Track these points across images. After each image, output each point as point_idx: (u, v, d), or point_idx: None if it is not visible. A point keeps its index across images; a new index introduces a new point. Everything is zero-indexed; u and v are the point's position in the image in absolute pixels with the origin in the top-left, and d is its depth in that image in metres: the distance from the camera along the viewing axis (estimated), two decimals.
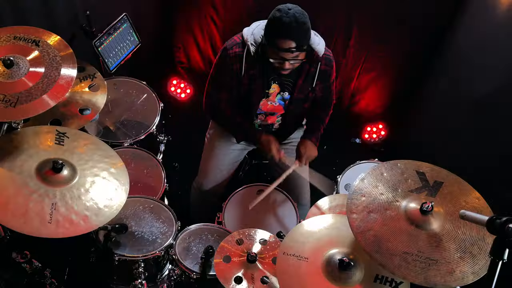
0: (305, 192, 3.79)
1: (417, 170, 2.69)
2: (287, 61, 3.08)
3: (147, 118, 3.85)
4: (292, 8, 2.97)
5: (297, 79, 3.35)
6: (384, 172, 2.68)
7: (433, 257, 2.33)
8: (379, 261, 2.35)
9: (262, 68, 3.27)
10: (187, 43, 5.34)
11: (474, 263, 2.30)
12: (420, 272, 2.30)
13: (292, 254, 2.62)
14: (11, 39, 2.74)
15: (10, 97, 2.53)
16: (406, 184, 2.62)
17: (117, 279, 3.23)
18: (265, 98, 3.44)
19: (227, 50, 3.27)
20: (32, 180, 2.54)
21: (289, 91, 3.42)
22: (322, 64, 3.31)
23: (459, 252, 2.33)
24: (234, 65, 3.26)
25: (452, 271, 2.29)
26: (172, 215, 3.26)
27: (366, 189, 2.62)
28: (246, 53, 3.21)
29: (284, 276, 2.56)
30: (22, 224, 2.39)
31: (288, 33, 2.96)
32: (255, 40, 3.19)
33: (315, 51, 3.23)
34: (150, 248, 3.08)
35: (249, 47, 3.18)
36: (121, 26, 3.83)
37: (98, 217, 2.56)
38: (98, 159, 2.81)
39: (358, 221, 2.48)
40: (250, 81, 3.30)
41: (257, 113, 3.55)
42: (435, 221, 2.42)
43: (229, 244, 2.97)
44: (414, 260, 2.33)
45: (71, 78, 2.71)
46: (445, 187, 2.60)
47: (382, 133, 5.27)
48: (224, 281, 2.78)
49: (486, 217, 1.89)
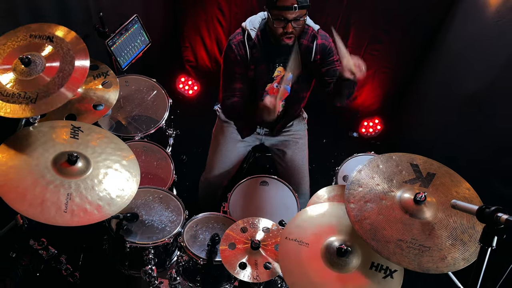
0: (304, 183, 3.79)
1: (411, 162, 2.68)
2: (289, 22, 2.99)
3: (157, 113, 3.84)
4: None
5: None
6: (380, 164, 2.67)
7: (426, 244, 2.32)
8: (375, 248, 2.34)
9: (266, 52, 3.24)
10: (195, 43, 5.33)
11: (464, 250, 2.29)
12: (413, 258, 2.29)
13: (294, 239, 2.61)
14: (27, 38, 2.73)
15: (31, 94, 2.52)
16: (400, 176, 2.60)
17: (129, 265, 3.23)
18: (270, 83, 3.41)
19: (230, 41, 3.27)
20: (49, 171, 2.54)
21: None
22: (319, 39, 3.27)
23: (451, 240, 2.32)
24: (240, 51, 3.24)
25: (444, 257, 2.28)
26: (180, 205, 3.25)
27: (363, 180, 2.60)
28: (247, 37, 3.21)
29: (286, 260, 2.55)
30: (39, 213, 2.39)
31: None
32: (254, 26, 3.21)
33: (310, 27, 3.23)
34: (159, 235, 3.08)
35: (249, 32, 3.20)
36: (132, 26, 3.82)
37: (110, 206, 2.56)
38: (111, 152, 2.80)
39: (355, 211, 2.47)
40: (256, 64, 3.28)
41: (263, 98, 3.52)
42: (428, 210, 2.41)
43: (234, 232, 2.96)
44: (408, 247, 2.32)
45: (85, 70, 2.70)
46: (438, 178, 2.59)
47: (378, 128, 5.26)
48: (229, 266, 2.78)
49: (476, 207, 1.88)
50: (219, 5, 4.88)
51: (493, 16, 3.51)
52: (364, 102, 5.22)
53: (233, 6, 4.82)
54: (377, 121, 5.24)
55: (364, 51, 4.77)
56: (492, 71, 3.52)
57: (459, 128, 3.95)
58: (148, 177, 3.55)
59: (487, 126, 3.59)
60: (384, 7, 4.36)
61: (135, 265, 3.20)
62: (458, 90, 3.94)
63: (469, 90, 3.75)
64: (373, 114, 5.26)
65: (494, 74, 3.50)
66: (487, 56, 3.59)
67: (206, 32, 5.19)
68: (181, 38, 5.36)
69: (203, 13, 5.02)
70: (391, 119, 5.22)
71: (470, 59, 3.82)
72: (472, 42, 3.81)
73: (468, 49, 3.85)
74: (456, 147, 3.90)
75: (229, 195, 3.49)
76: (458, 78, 3.97)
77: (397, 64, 4.81)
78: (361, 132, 5.30)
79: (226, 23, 5.00)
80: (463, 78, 3.88)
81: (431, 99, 4.52)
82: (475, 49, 3.76)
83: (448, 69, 4.18)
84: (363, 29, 4.61)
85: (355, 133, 5.32)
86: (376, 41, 4.67)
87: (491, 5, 3.54)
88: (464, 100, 3.84)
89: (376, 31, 4.58)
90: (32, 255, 3.34)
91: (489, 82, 3.54)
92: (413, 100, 4.91)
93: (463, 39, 3.96)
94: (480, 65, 3.67)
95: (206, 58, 5.40)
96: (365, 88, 5.09)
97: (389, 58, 4.78)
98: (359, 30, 4.62)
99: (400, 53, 4.70)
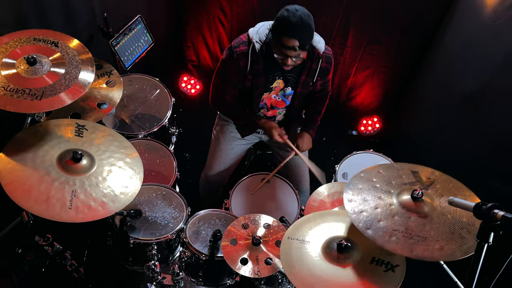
0: (305, 180, 3.79)
1: (412, 170, 2.66)
2: (290, 57, 3.08)
3: (160, 112, 3.85)
4: (299, 10, 2.97)
5: (300, 75, 3.36)
6: (381, 170, 2.66)
7: (422, 235, 2.31)
8: (370, 236, 2.33)
9: (266, 64, 3.26)
10: (197, 43, 5.33)
11: (462, 243, 2.27)
12: (408, 247, 2.27)
13: (295, 238, 2.61)
14: (31, 40, 2.73)
15: (36, 91, 2.52)
16: (400, 179, 2.59)
17: (132, 261, 3.23)
18: (268, 93, 3.43)
19: (234, 48, 3.25)
20: (54, 169, 2.54)
21: (292, 86, 3.42)
22: (323, 62, 3.32)
23: (449, 233, 2.31)
24: (240, 62, 3.24)
25: (440, 247, 2.27)
26: (183, 202, 3.25)
27: (364, 180, 2.60)
28: (252, 50, 3.20)
29: (289, 261, 2.54)
30: (44, 210, 2.39)
31: (293, 33, 2.97)
32: (260, 39, 3.19)
33: (316, 49, 3.23)
34: (162, 232, 3.08)
35: (255, 44, 3.18)
36: (136, 27, 3.82)
37: (114, 203, 2.56)
38: (115, 149, 2.80)
39: (353, 205, 2.47)
40: (254, 76, 3.29)
41: (260, 107, 3.55)
42: (425, 207, 2.40)
43: (236, 228, 2.97)
44: (404, 237, 2.31)
45: (88, 83, 2.69)
46: (438, 183, 2.56)
47: (377, 126, 5.26)
48: (231, 262, 2.78)
49: (473, 203, 1.88)
50: (220, 5, 4.88)
51: (490, 17, 3.50)
52: (363, 101, 5.23)
53: (234, 6, 4.82)
54: (376, 120, 5.25)
55: (363, 50, 4.77)
56: (489, 71, 3.51)
57: (456, 127, 3.95)
58: (151, 175, 3.55)
59: (484, 125, 3.59)
60: (384, 7, 4.36)
61: (139, 261, 3.20)
62: (455, 89, 3.93)
63: (466, 89, 3.75)
64: (372, 113, 5.26)
65: (491, 74, 3.50)
66: (484, 56, 3.58)
67: (208, 32, 5.19)
68: (183, 38, 5.37)
69: (205, 13, 5.02)
70: (390, 118, 5.21)
71: (468, 59, 3.82)
72: (469, 42, 3.80)
73: (466, 49, 3.85)
74: (454, 146, 3.90)
75: (231, 192, 3.50)
76: (455, 78, 3.97)
77: (395, 64, 4.81)
78: (360, 130, 5.30)
79: (228, 23, 5.00)
80: (460, 77, 3.88)
81: (429, 99, 4.52)
82: (472, 49, 3.76)
83: (446, 69, 4.18)
84: (363, 29, 4.61)
85: (354, 131, 5.32)
86: (375, 41, 4.66)
87: (488, 6, 3.53)
88: (461, 99, 3.83)
89: (375, 31, 4.58)
90: (37, 251, 3.36)
91: (486, 81, 3.54)
92: (411, 99, 4.91)
93: (461, 39, 3.96)
94: (477, 65, 3.66)
95: (208, 57, 5.40)
96: (365, 87, 5.09)
97: (388, 57, 4.78)
98: (358, 30, 4.62)
99: (398, 53, 4.70)
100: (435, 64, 4.37)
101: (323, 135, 5.13)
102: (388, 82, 4.98)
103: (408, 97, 4.97)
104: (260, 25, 3.26)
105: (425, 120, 4.58)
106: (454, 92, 3.96)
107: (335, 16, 4.53)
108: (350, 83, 5.12)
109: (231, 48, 3.27)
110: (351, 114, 5.36)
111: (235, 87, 3.41)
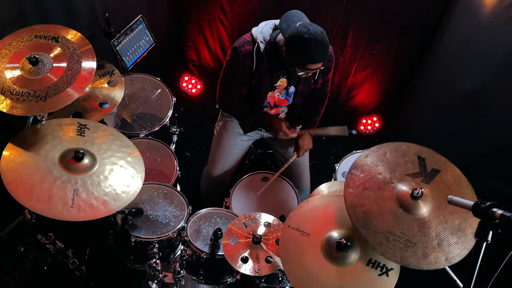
0: (305, 179, 3.78)
1: (419, 155, 2.63)
2: (311, 71, 3.14)
3: (161, 111, 3.85)
4: (316, 33, 2.91)
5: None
6: (388, 153, 2.63)
7: (413, 240, 2.33)
8: (364, 235, 2.34)
9: (271, 64, 3.25)
10: (198, 43, 5.33)
11: (449, 252, 2.29)
12: (397, 252, 2.30)
13: (296, 228, 2.61)
14: (32, 38, 2.73)
15: (40, 92, 2.53)
16: (404, 167, 2.57)
17: (134, 259, 3.23)
18: (272, 91, 3.43)
19: (238, 48, 3.24)
20: (56, 168, 2.55)
21: (295, 85, 3.42)
22: (326, 61, 3.30)
23: (437, 240, 2.32)
24: (246, 61, 3.24)
25: (426, 255, 2.29)
26: (184, 200, 3.25)
27: (367, 166, 2.57)
28: (256, 50, 3.20)
29: (286, 251, 2.55)
30: (46, 208, 2.40)
31: (318, 58, 3.02)
32: (264, 38, 3.18)
33: None
34: (163, 230, 3.09)
35: (259, 44, 3.18)
36: (137, 27, 3.82)
37: (116, 202, 2.57)
38: (116, 148, 2.81)
39: (352, 196, 2.46)
40: (260, 75, 3.29)
41: (263, 105, 3.55)
42: (423, 206, 2.40)
43: (236, 227, 2.97)
44: (395, 240, 2.32)
45: (92, 69, 2.71)
46: (441, 176, 2.54)
47: (377, 125, 5.26)
48: (232, 260, 2.79)
49: (471, 202, 1.89)
50: (221, 5, 4.88)
51: (489, 17, 3.50)
52: (363, 100, 5.22)
53: (235, 7, 4.81)
54: (375, 119, 5.24)
55: (363, 50, 4.77)
56: (488, 71, 3.52)
57: (456, 127, 3.95)
58: (152, 174, 3.56)
59: (483, 125, 3.59)
60: (384, 7, 4.36)
61: (140, 259, 3.21)
62: (455, 89, 3.93)
63: (465, 89, 3.75)
64: (371, 112, 5.26)
65: (490, 74, 3.50)
66: (483, 56, 3.59)
67: (209, 32, 5.18)
68: (184, 38, 5.36)
69: (206, 13, 5.02)
70: (390, 117, 5.21)
71: (466, 59, 3.82)
72: (468, 42, 3.80)
73: (464, 49, 3.85)
74: (453, 145, 3.89)
75: (231, 191, 3.50)
76: (455, 78, 3.97)
77: (395, 64, 4.80)
78: (360, 130, 5.30)
79: (228, 23, 4.99)
80: (459, 77, 3.88)
81: (428, 98, 4.52)
82: (471, 49, 3.76)
83: (445, 69, 4.18)
84: (362, 29, 4.60)
85: (354, 130, 5.31)
86: (375, 41, 4.66)
87: (487, 6, 3.53)
88: (461, 99, 3.84)
89: (375, 31, 4.57)
90: (39, 249, 3.35)
91: (485, 81, 3.54)
92: (411, 99, 4.91)
93: (459, 39, 3.96)
94: (476, 65, 3.66)
95: (209, 57, 5.40)
96: (364, 86, 5.09)
97: (387, 57, 4.77)
98: (358, 30, 4.61)
99: (398, 53, 4.69)
100: (435, 64, 4.37)
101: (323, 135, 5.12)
102: (388, 82, 4.97)
103: (408, 96, 4.97)
104: (264, 24, 3.26)
105: (424, 120, 4.58)
106: (453, 92, 3.96)
107: (335, 16, 4.53)
108: (349, 82, 5.11)
109: (235, 49, 3.26)
110: (350, 113, 5.35)
111: (242, 86, 3.42)
